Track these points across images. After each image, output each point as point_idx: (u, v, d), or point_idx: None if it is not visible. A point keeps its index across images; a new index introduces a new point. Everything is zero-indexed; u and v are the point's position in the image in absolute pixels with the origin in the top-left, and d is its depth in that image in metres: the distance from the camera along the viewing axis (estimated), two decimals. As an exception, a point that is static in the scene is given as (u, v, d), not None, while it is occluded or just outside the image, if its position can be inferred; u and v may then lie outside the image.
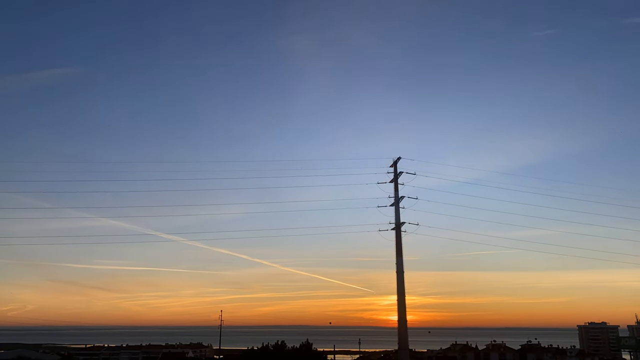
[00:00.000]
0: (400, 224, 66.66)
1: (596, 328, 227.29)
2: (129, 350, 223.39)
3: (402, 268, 65.55)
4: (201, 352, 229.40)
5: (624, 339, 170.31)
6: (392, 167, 69.76)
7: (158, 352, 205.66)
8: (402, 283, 65.19)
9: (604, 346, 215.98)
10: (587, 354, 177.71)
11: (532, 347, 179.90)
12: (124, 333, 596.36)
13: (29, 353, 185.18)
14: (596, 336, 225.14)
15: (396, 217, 67.13)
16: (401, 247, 66.09)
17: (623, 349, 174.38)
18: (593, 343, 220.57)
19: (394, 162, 69.75)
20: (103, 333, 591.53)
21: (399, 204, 67.57)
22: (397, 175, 68.96)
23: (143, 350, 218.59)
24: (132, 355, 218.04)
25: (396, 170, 69.27)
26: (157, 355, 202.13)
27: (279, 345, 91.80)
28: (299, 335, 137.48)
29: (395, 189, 68.46)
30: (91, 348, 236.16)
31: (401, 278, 65.34)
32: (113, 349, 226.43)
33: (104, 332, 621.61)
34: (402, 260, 65.80)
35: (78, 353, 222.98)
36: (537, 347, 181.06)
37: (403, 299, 64.56)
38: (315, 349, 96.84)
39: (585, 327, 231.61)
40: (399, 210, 67.28)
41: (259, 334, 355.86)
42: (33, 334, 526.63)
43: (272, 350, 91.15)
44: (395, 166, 69.55)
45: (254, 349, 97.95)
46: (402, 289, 64.89)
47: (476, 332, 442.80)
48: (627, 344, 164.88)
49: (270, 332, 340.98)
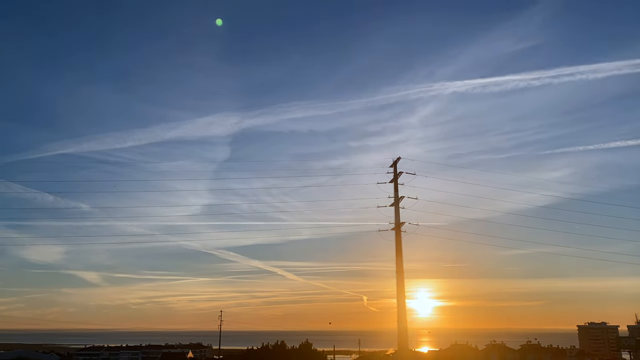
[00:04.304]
0: (400, 224, 66.59)
1: (596, 328, 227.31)
2: (128, 350, 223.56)
3: (402, 268, 65.55)
4: (201, 353, 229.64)
5: (624, 339, 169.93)
6: (392, 167, 69.62)
7: (158, 353, 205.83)
8: (402, 283, 65.17)
9: (604, 346, 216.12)
10: (587, 354, 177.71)
11: (532, 348, 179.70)
12: (124, 333, 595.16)
13: (29, 353, 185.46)
14: (596, 336, 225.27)
15: (396, 217, 67.04)
16: (401, 247, 66.05)
17: (623, 349, 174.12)
18: (593, 343, 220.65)
19: (393, 162, 69.64)
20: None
21: (399, 204, 67.48)
22: (397, 175, 68.83)
23: (143, 351, 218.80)
24: (132, 355, 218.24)
25: (396, 170, 69.15)
26: (157, 355, 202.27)
27: (278, 345, 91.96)
28: (299, 336, 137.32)
29: (395, 189, 68.34)
30: (91, 348, 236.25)
31: (401, 278, 65.33)
32: (113, 349, 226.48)
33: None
34: (402, 261, 65.78)
35: (78, 353, 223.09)
36: (537, 347, 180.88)
37: (403, 299, 64.54)
38: (315, 349, 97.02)
39: (585, 327, 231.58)
40: (398, 210, 67.20)
41: (259, 334, 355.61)
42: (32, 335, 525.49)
43: (272, 350, 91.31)
44: (395, 166, 69.42)
45: (253, 349, 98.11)
46: (402, 289, 64.86)
47: (476, 332, 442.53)
48: (627, 344, 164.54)
49: (270, 333, 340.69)
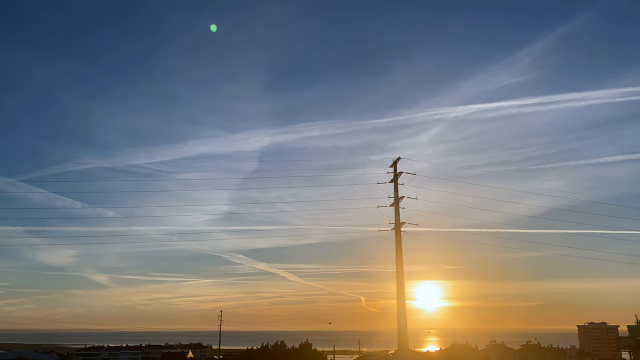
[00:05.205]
0: (400, 224, 66.55)
1: (596, 328, 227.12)
2: (128, 350, 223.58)
3: (402, 268, 65.50)
4: (201, 353, 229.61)
5: (624, 339, 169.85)
6: (392, 167, 69.55)
7: (158, 353, 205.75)
8: (402, 283, 65.12)
9: (604, 346, 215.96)
10: (587, 354, 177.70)
11: (532, 348, 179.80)
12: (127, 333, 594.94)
13: (29, 353, 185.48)
14: (596, 336, 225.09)
15: (396, 218, 66.98)
16: (401, 247, 66.00)
17: (623, 349, 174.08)
18: (593, 343, 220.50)
19: (393, 162, 69.56)
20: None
21: (398, 204, 67.43)
22: (396, 175, 68.75)
23: (143, 351, 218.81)
24: (131, 355, 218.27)
25: (396, 170, 69.07)
26: (156, 355, 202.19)
27: (278, 346, 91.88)
28: (299, 336, 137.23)
29: (395, 189, 68.27)
30: (91, 348, 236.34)
31: (401, 278, 65.28)
32: (113, 349, 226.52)
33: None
34: (401, 261, 65.74)
35: (78, 353, 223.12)
36: (537, 347, 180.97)
37: (403, 299, 64.47)
38: (315, 349, 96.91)
39: (585, 327, 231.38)
40: (398, 210, 67.14)
41: (260, 334, 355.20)
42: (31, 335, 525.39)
43: (272, 350, 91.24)
44: (395, 166, 69.35)
45: (253, 349, 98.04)
46: (401, 289, 64.82)
47: (476, 332, 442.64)
48: (627, 344, 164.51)
49: (270, 334, 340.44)
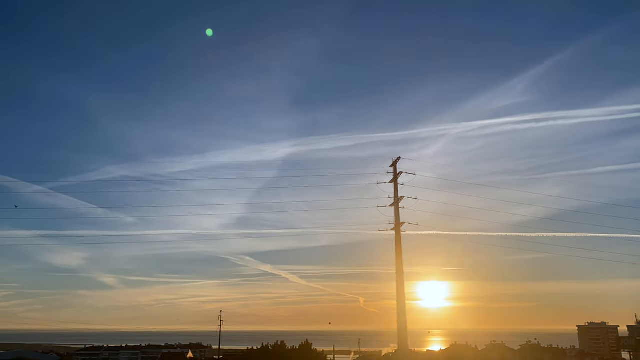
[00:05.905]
0: (400, 224, 66.51)
1: (596, 328, 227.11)
2: (128, 350, 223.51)
3: (402, 268, 65.47)
4: (201, 353, 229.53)
5: (624, 339, 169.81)
6: (392, 167, 69.50)
7: (158, 353, 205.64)
8: (401, 283, 65.09)
9: (604, 346, 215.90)
10: (587, 354, 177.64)
11: (532, 348, 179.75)
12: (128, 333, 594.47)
13: (29, 353, 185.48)
14: (596, 336, 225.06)
15: (396, 217, 66.94)
16: (401, 247, 65.96)
17: (623, 349, 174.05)
18: (593, 343, 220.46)
19: (393, 162, 69.52)
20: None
21: (398, 204, 67.38)
22: (396, 175, 68.71)
23: (143, 351, 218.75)
24: (131, 355, 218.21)
25: (396, 170, 69.03)
26: (156, 355, 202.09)
27: (278, 345, 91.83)
28: (299, 336, 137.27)
29: (395, 189, 68.22)
30: (91, 348, 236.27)
31: (400, 278, 65.25)
32: (112, 349, 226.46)
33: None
34: (401, 261, 65.71)
35: (77, 353, 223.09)
36: (537, 347, 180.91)
37: (403, 299, 64.43)
38: (314, 349, 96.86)
39: (585, 327, 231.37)
40: (398, 210, 67.09)
41: (261, 334, 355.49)
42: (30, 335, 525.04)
43: (272, 350, 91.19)
44: (395, 166, 69.30)
45: (253, 349, 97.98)
46: (401, 289, 64.78)
47: (476, 332, 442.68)
48: (627, 344, 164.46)
49: (270, 334, 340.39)
